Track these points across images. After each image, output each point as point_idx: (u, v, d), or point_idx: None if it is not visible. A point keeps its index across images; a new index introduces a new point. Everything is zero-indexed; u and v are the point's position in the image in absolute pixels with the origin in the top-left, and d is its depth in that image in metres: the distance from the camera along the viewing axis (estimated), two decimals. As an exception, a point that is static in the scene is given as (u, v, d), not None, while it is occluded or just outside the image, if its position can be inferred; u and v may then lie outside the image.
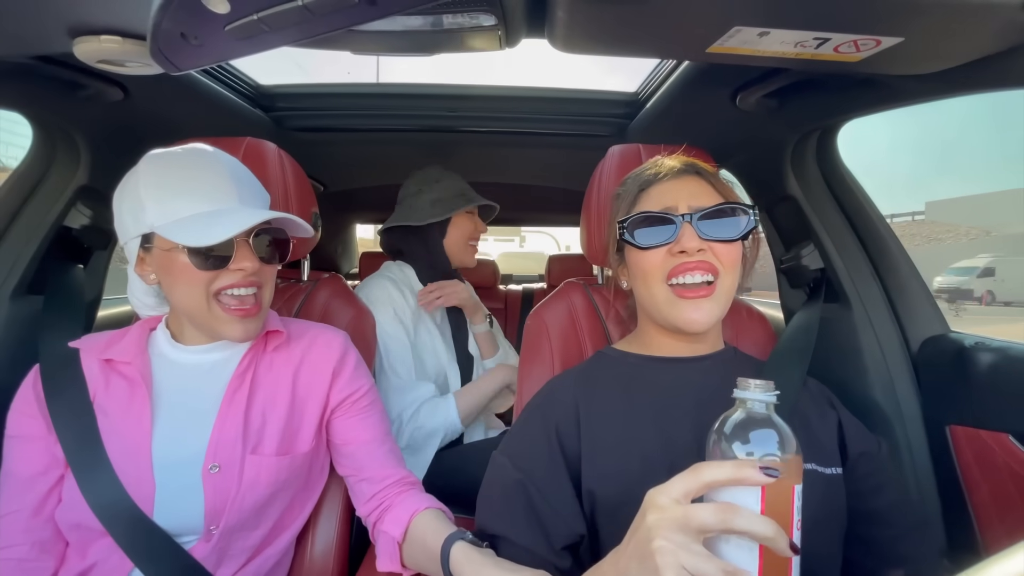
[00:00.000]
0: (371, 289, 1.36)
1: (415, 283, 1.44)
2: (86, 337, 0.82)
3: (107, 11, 0.58)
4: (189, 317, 0.77)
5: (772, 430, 0.42)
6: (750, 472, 0.39)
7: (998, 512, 0.82)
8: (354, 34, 0.61)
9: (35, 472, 0.72)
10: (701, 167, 0.76)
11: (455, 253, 1.46)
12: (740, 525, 0.38)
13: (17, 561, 0.69)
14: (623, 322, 0.99)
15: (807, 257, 1.14)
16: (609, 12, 0.57)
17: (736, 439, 0.43)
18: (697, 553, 0.38)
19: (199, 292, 0.72)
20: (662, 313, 0.71)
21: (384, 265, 1.49)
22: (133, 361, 0.76)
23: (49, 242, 1.06)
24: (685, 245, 0.67)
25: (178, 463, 0.73)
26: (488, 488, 0.71)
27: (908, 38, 0.59)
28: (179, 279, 0.72)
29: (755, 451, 0.42)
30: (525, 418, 0.76)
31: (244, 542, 0.77)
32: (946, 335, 0.99)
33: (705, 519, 0.39)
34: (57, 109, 0.97)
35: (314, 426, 0.84)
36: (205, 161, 0.75)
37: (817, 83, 0.88)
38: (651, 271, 0.71)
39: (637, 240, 0.71)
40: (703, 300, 0.68)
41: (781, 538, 0.38)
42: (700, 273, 0.68)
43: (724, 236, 0.68)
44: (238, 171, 0.78)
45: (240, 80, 1.24)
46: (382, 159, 1.77)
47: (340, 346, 0.88)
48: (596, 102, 1.43)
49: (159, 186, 0.72)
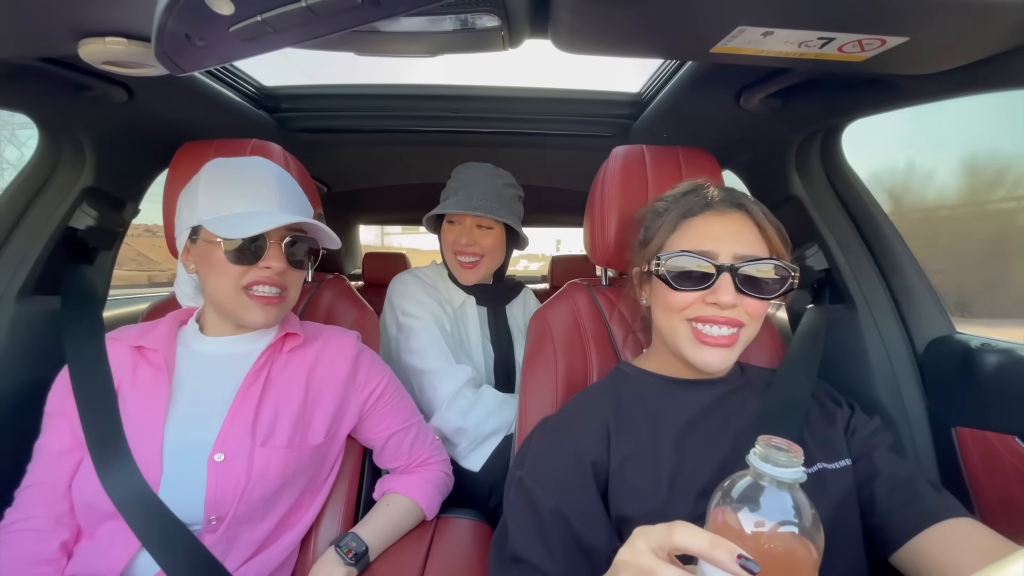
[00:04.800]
0: (395, 284, 1.34)
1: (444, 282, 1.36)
2: (121, 328, 0.89)
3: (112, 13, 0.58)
4: (217, 305, 0.84)
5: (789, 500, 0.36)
6: (721, 556, 0.35)
7: (1004, 514, 0.81)
8: (358, 35, 0.61)
9: (61, 449, 0.77)
10: (749, 201, 0.73)
11: (448, 262, 1.35)
12: None
13: (33, 532, 0.74)
14: (626, 323, 0.99)
15: (811, 258, 1.13)
16: (612, 12, 0.57)
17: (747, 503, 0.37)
18: None
19: (230, 283, 0.79)
20: (679, 348, 0.71)
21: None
22: (161, 349, 0.83)
23: (55, 243, 1.06)
24: (719, 299, 0.66)
25: (186, 450, 0.76)
26: (517, 511, 0.67)
27: (913, 38, 0.59)
28: (213, 269, 0.79)
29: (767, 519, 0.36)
30: (549, 441, 0.72)
31: (251, 534, 0.78)
32: (952, 336, 0.98)
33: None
34: (62, 111, 0.98)
35: (326, 422, 0.87)
36: (255, 170, 0.83)
37: (821, 83, 0.88)
38: (676, 308, 0.70)
39: (672, 280, 0.69)
40: (723, 348, 0.67)
41: None
42: (727, 327, 0.67)
43: (760, 294, 0.67)
44: (284, 180, 0.85)
45: (244, 81, 1.24)
46: (386, 160, 1.77)
47: (353, 347, 0.93)
48: (599, 102, 1.43)
49: (212, 187, 0.81)
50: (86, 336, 0.86)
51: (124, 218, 1.21)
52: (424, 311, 1.26)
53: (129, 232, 1.27)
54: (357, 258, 2.95)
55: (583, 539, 0.61)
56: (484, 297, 1.37)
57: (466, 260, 1.29)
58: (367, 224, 3.05)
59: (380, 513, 0.90)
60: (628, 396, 0.75)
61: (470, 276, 1.31)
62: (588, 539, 0.61)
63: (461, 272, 1.31)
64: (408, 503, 0.92)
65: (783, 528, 0.36)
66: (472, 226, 1.29)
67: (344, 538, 0.83)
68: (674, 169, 1.00)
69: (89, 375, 0.80)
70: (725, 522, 0.38)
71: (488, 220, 1.28)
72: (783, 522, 0.36)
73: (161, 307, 1.07)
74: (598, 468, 0.67)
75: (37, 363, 1.01)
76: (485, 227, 1.29)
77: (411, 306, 1.27)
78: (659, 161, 1.01)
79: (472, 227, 1.29)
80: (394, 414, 0.95)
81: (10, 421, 0.95)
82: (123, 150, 1.14)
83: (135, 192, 1.24)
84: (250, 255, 0.78)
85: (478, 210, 1.24)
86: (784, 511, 0.36)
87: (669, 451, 0.67)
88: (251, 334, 0.87)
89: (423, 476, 0.97)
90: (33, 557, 0.72)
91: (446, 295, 1.35)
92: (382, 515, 0.90)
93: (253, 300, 0.80)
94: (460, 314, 1.35)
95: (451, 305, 1.34)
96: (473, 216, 1.27)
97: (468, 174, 1.31)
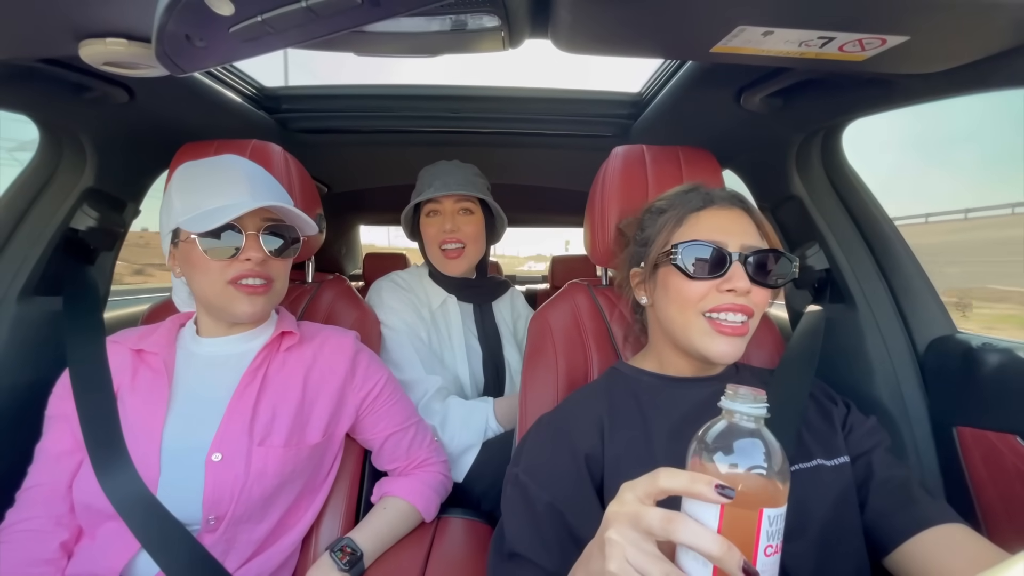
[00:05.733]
0: (372, 293, 1.33)
1: (423, 283, 1.36)
2: (121, 332, 0.89)
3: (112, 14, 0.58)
4: (206, 304, 0.84)
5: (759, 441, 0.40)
6: (701, 488, 0.38)
7: (1006, 513, 0.81)
8: (358, 35, 0.61)
9: (61, 451, 0.78)
10: (746, 201, 0.77)
11: (433, 259, 1.34)
12: (681, 537, 0.37)
13: (33, 532, 0.74)
14: (626, 323, 0.99)
15: (812, 257, 1.13)
16: (612, 12, 0.57)
17: (719, 449, 0.41)
18: (645, 552, 0.39)
19: (214, 279, 0.79)
20: (692, 341, 0.71)
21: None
22: (160, 352, 0.83)
23: (56, 244, 1.06)
24: (735, 284, 0.68)
25: (184, 450, 0.76)
26: (513, 507, 0.68)
27: (914, 37, 0.58)
28: (196, 268, 0.79)
29: (739, 463, 0.39)
30: (544, 436, 0.73)
31: (250, 535, 0.79)
32: (953, 336, 0.98)
33: (651, 522, 0.39)
34: (63, 111, 0.98)
35: (324, 421, 0.87)
36: (226, 165, 0.83)
37: (822, 82, 0.87)
38: (691, 299, 0.71)
39: (688, 268, 0.70)
40: (737, 338, 0.69)
41: (731, 559, 0.36)
42: (741, 315, 0.69)
43: (768, 282, 0.70)
44: (255, 173, 0.85)
45: (245, 82, 1.25)
46: (386, 160, 1.77)
47: (351, 347, 0.93)
48: (599, 102, 1.42)
49: (184, 188, 0.81)
50: (87, 337, 0.86)
51: (125, 219, 1.21)
52: (397, 319, 1.25)
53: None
54: (358, 258, 2.95)
55: (577, 532, 0.62)
56: (468, 293, 1.37)
57: (451, 248, 1.30)
58: (368, 225, 3.05)
59: (377, 517, 0.90)
60: (622, 393, 0.76)
61: (456, 266, 1.31)
62: (583, 532, 0.62)
63: (446, 263, 1.31)
64: (405, 506, 0.92)
65: (754, 470, 0.39)
66: (454, 212, 1.30)
67: (339, 543, 0.83)
68: (674, 169, 1.00)
69: (89, 377, 0.81)
70: (703, 466, 0.41)
71: (469, 203, 1.31)
72: (754, 466, 0.39)
73: (161, 308, 1.07)
74: (592, 462, 0.68)
75: (38, 364, 1.01)
76: (466, 211, 1.31)
77: (384, 314, 1.26)
78: (659, 161, 1.01)
79: (454, 213, 1.30)
80: (392, 414, 0.95)
81: (11, 422, 0.95)
82: (124, 151, 1.14)
83: (136, 193, 1.24)
84: (228, 249, 0.79)
85: (459, 189, 1.26)
86: (755, 454, 0.39)
87: (664, 446, 0.68)
88: (246, 333, 0.87)
89: (421, 479, 0.96)
90: (33, 557, 0.72)
91: (424, 298, 1.34)
92: (379, 519, 0.89)
93: (239, 291, 0.80)
94: (441, 314, 1.34)
95: (429, 308, 1.32)
96: (455, 200, 1.29)
97: (437, 169, 1.33)
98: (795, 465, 0.66)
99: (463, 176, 1.31)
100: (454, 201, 1.30)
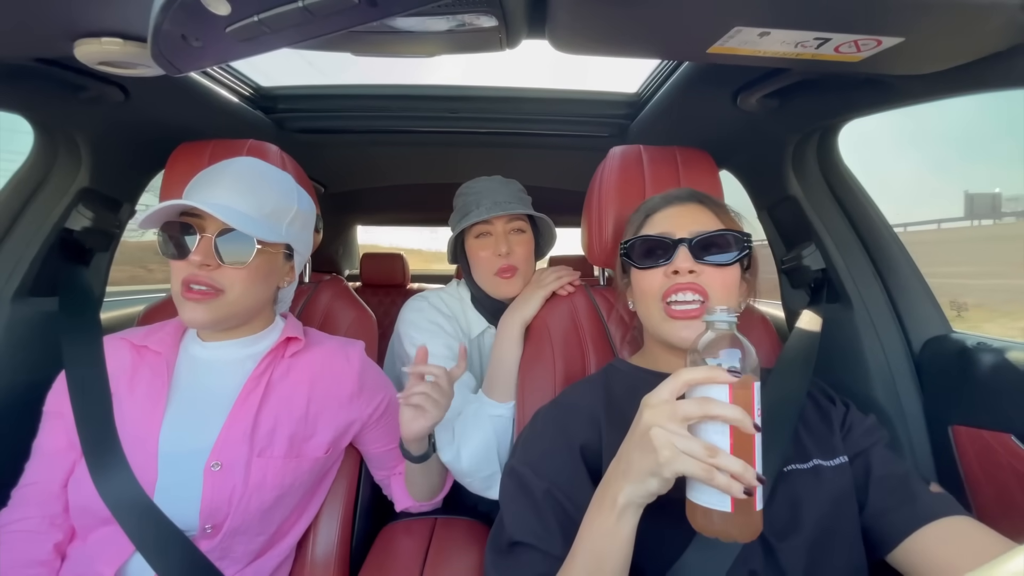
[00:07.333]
0: (406, 311, 1.20)
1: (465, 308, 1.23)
2: (126, 331, 0.88)
3: (108, 13, 0.58)
4: (176, 303, 0.79)
5: (737, 348, 0.53)
6: (720, 372, 0.49)
7: (1001, 511, 0.82)
8: (355, 35, 0.61)
9: (56, 448, 0.77)
10: (706, 196, 0.81)
11: (484, 284, 1.18)
12: (716, 411, 0.48)
13: (27, 533, 0.73)
14: (624, 323, 0.99)
15: (808, 257, 1.13)
16: (609, 13, 0.57)
17: (709, 354, 0.53)
18: (685, 436, 0.48)
19: (175, 280, 0.76)
20: (657, 330, 0.75)
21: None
22: (164, 351, 0.82)
23: (51, 244, 1.06)
24: (678, 266, 0.72)
25: (182, 456, 0.75)
26: (512, 497, 0.68)
27: (909, 38, 0.59)
28: (171, 269, 0.77)
29: (723, 362, 0.52)
30: (540, 428, 0.74)
31: (247, 545, 0.78)
32: (948, 335, 0.98)
33: (689, 410, 0.49)
34: (58, 111, 0.97)
35: (329, 435, 0.85)
36: (221, 165, 0.80)
37: (818, 83, 0.88)
38: (649, 290, 0.75)
39: (636, 261, 0.77)
40: (694, 320, 0.71)
41: (746, 419, 0.48)
42: (691, 293, 0.71)
43: (716, 261, 0.73)
44: (244, 172, 0.78)
45: (241, 82, 1.24)
46: (383, 160, 1.77)
47: (359, 360, 0.91)
48: (597, 103, 1.43)
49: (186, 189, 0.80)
50: (83, 337, 0.85)
51: (120, 219, 1.21)
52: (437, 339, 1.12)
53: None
54: (355, 259, 2.95)
55: (576, 517, 0.62)
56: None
57: (505, 276, 1.15)
58: (364, 225, 3.04)
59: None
60: (619, 389, 0.77)
61: (511, 288, 1.15)
62: (581, 518, 0.62)
63: (500, 285, 1.16)
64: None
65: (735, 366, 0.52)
66: (506, 232, 1.16)
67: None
68: (671, 169, 1.00)
69: (86, 377, 0.80)
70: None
71: (520, 223, 1.18)
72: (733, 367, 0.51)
73: (156, 309, 1.07)
74: (587, 452, 0.69)
75: (34, 365, 1.00)
76: (518, 231, 1.18)
77: (420, 335, 1.12)
78: (656, 161, 1.01)
79: (506, 234, 1.16)
80: (393, 430, 0.94)
81: (7, 424, 0.94)
82: (119, 151, 1.13)
83: (132, 193, 1.23)
84: (178, 248, 0.74)
85: (511, 209, 1.13)
86: (733, 356, 0.52)
87: None
88: (248, 338, 0.85)
89: None
90: (27, 558, 0.71)
91: (465, 326, 1.21)
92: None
93: (184, 295, 0.75)
94: (476, 345, 1.23)
95: (468, 337, 1.21)
96: (507, 220, 1.16)
97: (479, 185, 1.20)
98: (791, 465, 0.66)
99: (510, 192, 1.18)
100: (505, 221, 1.16)
